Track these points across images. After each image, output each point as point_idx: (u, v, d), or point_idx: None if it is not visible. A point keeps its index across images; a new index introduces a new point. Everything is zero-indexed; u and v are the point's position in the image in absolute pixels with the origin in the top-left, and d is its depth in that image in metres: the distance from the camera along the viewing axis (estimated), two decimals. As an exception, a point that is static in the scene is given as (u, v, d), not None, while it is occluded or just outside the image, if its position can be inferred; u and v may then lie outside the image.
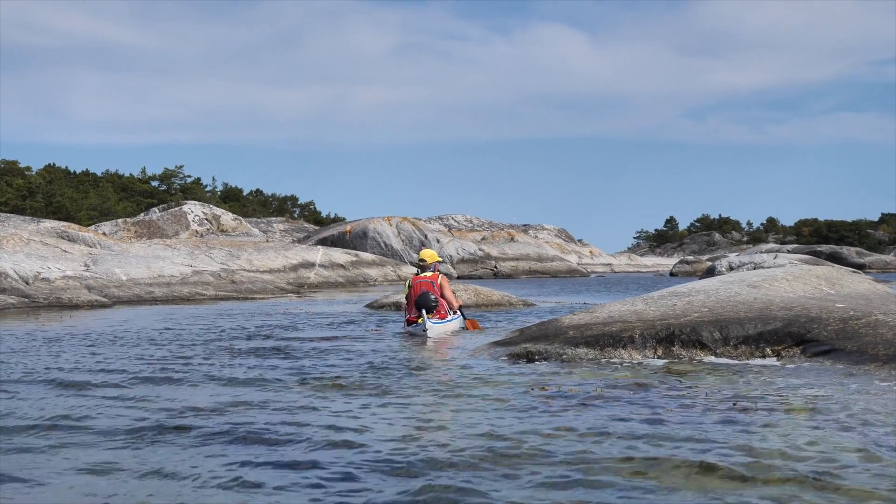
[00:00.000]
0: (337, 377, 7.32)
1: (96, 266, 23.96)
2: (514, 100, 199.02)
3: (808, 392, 6.02)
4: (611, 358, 7.97)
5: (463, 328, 11.87)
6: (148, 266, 25.08)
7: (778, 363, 7.49)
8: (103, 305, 20.29)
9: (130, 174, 69.50)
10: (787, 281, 10.64)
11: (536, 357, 8.22)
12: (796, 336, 7.83)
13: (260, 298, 24.33)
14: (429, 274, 11.77)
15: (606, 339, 8.27)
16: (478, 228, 61.57)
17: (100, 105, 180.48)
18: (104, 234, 38.64)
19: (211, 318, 15.84)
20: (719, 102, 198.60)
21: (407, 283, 11.90)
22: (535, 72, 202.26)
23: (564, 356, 8.12)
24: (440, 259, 12.18)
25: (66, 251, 25.23)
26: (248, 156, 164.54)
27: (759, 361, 7.60)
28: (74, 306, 19.77)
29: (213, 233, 48.63)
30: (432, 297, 11.41)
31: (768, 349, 7.81)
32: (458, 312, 11.93)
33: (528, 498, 3.81)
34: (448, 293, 11.70)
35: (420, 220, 52.45)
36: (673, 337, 8.12)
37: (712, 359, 7.80)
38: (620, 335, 8.26)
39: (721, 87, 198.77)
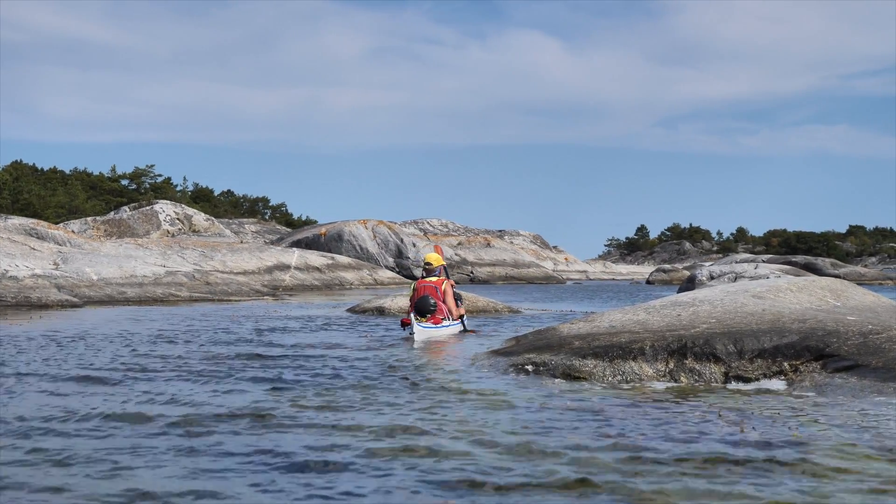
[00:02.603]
0: (341, 387, 6.89)
1: (66, 265, 23.23)
2: (489, 105, 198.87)
3: (847, 412, 5.69)
4: (622, 370, 7.61)
5: (462, 332, 11.69)
6: (120, 266, 24.38)
7: (804, 381, 7.16)
8: (74, 305, 19.62)
9: (100, 173, 68.08)
10: (793, 292, 10.36)
11: (542, 368, 7.83)
12: (815, 350, 7.51)
13: (236, 300, 23.75)
14: (434, 278, 11.58)
15: (616, 350, 7.90)
16: (453, 233, 61.25)
17: (69, 102, 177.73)
18: (73, 232, 37.71)
19: (193, 320, 15.29)
20: (691, 112, 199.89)
21: (412, 286, 11.70)
22: (509, 78, 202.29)
23: (573, 368, 7.74)
24: (445, 263, 11.97)
25: (34, 249, 24.45)
26: (219, 156, 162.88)
27: (782, 378, 7.28)
28: (44, 306, 19.12)
29: (184, 233, 47.76)
30: (432, 301, 11.25)
31: (786, 363, 7.48)
32: (459, 320, 11.70)
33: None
34: (449, 299, 11.48)
35: (396, 223, 51.96)
36: (685, 349, 7.77)
37: (731, 382, 7.46)
38: (630, 346, 7.90)
39: (693, 97, 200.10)
